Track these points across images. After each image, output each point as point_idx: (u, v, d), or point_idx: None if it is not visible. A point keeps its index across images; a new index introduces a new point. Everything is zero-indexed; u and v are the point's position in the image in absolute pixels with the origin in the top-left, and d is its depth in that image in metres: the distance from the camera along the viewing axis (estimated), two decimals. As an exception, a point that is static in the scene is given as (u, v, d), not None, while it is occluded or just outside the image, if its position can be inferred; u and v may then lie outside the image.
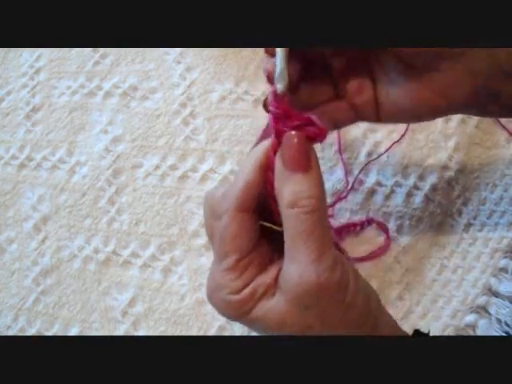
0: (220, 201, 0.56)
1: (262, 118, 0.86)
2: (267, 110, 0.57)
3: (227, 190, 0.56)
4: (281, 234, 0.54)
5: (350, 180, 0.83)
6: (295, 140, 0.53)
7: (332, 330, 0.54)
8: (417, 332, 0.63)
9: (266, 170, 0.55)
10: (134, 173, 0.88)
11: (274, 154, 0.55)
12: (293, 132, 0.54)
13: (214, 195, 0.58)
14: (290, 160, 0.53)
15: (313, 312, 0.53)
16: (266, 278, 0.55)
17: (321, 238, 0.52)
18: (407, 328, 0.61)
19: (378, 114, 0.65)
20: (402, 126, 0.85)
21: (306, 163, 0.53)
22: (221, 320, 0.79)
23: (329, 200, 0.82)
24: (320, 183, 0.53)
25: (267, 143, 0.55)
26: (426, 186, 0.82)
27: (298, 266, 0.52)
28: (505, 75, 0.59)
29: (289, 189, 0.53)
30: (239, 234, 0.55)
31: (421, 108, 0.63)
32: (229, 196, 0.55)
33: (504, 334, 0.73)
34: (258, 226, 0.56)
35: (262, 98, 0.63)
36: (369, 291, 0.57)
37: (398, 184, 0.83)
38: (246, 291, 0.54)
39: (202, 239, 0.83)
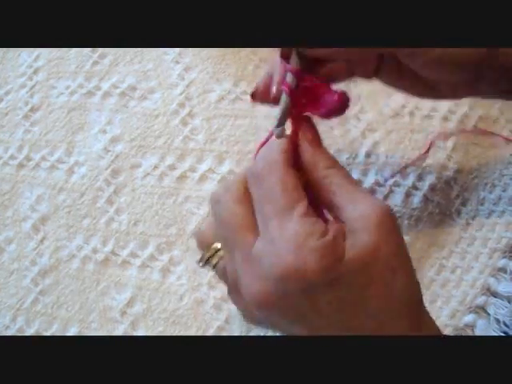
0: (258, 164, 0.57)
1: (261, 118, 0.87)
2: (254, 99, 0.65)
3: (265, 152, 0.58)
4: None
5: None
6: (313, 123, 0.60)
7: (405, 253, 0.55)
8: None
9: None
10: (133, 173, 0.88)
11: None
12: (305, 116, 0.60)
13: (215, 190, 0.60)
14: (315, 139, 0.59)
15: (394, 236, 0.54)
16: (335, 225, 0.54)
17: (352, 188, 0.56)
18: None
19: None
20: (401, 126, 0.85)
21: (320, 141, 0.59)
22: (219, 320, 0.79)
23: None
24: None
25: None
26: (425, 185, 0.82)
27: (363, 203, 0.54)
28: None
29: (323, 157, 0.57)
30: (297, 184, 0.55)
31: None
32: (274, 152, 0.56)
33: (503, 334, 0.73)
34: None
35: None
36: None
37: (396, 184, 0.83)
38: (332, 230, 0.52)
39: (201, 239, 0.83)
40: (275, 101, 0.62)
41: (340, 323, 0.54)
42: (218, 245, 0.59)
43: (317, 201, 0.56)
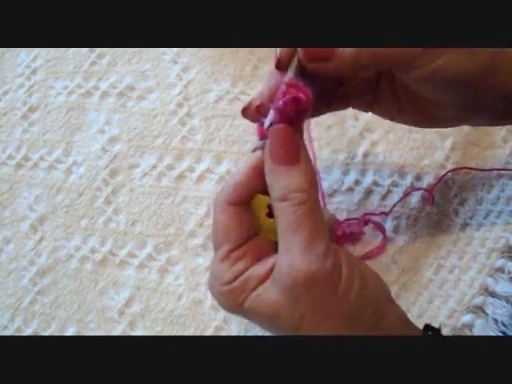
0: (216, 196, 0.59)
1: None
2: (244, 115, 0.63)
3: (222, 186, 0.59)
4: None
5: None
6: (280, 133, 0.55)
7: (326, 320, 0.54)
8: (428, 327, 0.62)
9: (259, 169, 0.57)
10: (131, 173, 0.88)
11: None
12: (280, 125, 0.55)
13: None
14: (277, 154, 0.55)
15: (304, 302, 0.53)
16: (261, 269, 0.56)
17: (311, 228, 0.53)
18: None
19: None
20: (399, 127, 0.85)
21: (294, 156, 0.55)
22: (217, 320, 0.79)
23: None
24: (309, 175, 0.55)
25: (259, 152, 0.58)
26: (423, 185, 0.82)
27: (288, 257, 0.53)
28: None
29: (278, 183, 0.55)
30: (229, 226, 0.57)
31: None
32: (221, 190, 0.58)
33: (501, 334, 0.73)
34: (251, 218, 0.58)
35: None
36: (368, 282, 0.57)
37: (394, 184, 0.83)
38: (236, 282, 0.56)
39: (199, 239, 0.83)
40: (259, 112, 0.61)
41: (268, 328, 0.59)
42: None
43: None
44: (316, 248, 0.53)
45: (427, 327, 0.62)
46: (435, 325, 0.62)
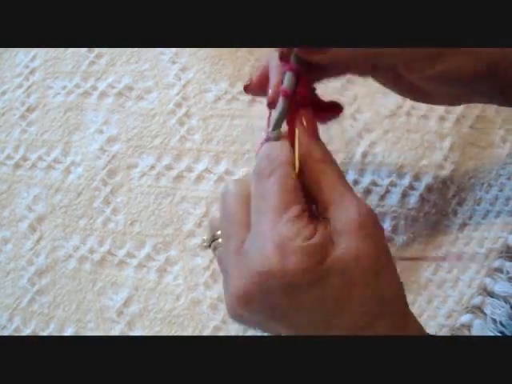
0: (266, 161, 0.58)
1: (257, 118, 0.87)
2: (247, 91, 0.69)
3: (271, 149, 0.59)
4: None
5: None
6: (311, 117, 0.61)
7: (386, 256, 0.56)
8: None
9: None
10: (130, 173, 0.88)
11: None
12: (308, 110, 0.61)
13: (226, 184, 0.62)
14: (315, 131, 0.61)
15: (375, 240, 0.54)
16: (323, 226, 0.55)
17: (345, 182, 0.58)
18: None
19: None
20: (398, 126, 0.86)
21: (317, 133, 0.61)
22: (216, 320, 0.79)
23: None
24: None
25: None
26: (421, 185, 0.82)
27: (348, 204, 0.55)
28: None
29: (318, 149, 0.59)
30: (297, 186, 0.56)
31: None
32: (280, 153, 0.58)
33: (499, 334, 0.73)
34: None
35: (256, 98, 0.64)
36: None
37: (393, 184, 0.83)
38: (319, 234, 0.53)
39: (198, 239, 0.83)
40: (271, 103, 0.63)
41: (320, 322, 0.55)
42: (219, 232, 0.62)
43: (304, 192, 0.57)
44: (352, 197, 0.56)
45: None
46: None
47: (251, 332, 0.77)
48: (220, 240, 0.62)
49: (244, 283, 0.54)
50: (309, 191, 0.57)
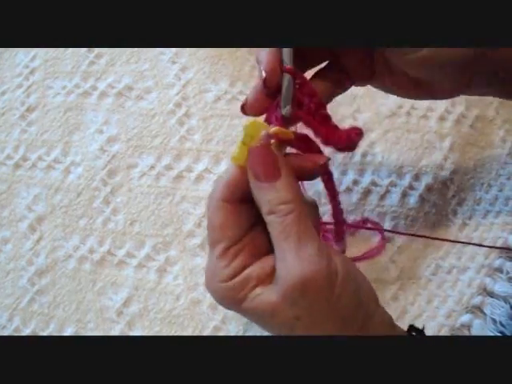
0: (209, 195, 0.60)
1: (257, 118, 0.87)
2: (245, 113, 0.63)
3: (215, 184, 0.60)
4: None
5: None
6: (258, 153, 0.57)
7: (320, 322, 0.55)
8: (412, 327, 0.63)
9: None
10: (129, 173, 0.88)
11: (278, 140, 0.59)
12: (257, 145, 0.57)
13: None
14: (258, 172, 0.57)
15: (301, 305, 0.55)
16: (262, 267, 0.57)
17: (299, 235, 0.55)
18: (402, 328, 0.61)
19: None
20: (397, 126, 0.86)
21: (273, 173, 0.57)
22: (216, 320, 0.79)
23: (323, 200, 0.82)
24: (291, 186, 0.57)
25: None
26: (421, 186, 0.82)
27: (283, 264, 0.55)
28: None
29: (263, 199, 0.57)
30: (225, 223, 0.58)
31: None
32: (215, 188, 0.59)
33: (499, 334, 0.73)
34: (247, 215, 0.59)
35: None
36: (361, 285, 0.58)
37: (393, 184, 0.83)
38: (237, 280, 0.57)
39: (197, 239, 0.83)
40: (268, 81, 0.60)
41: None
42: None
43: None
44: (307, 252, 0.55)
45: (411, 328, 0.62)
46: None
47: (251, 332, 0.77)
48: None
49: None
50: None
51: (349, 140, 0.64)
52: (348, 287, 0.55)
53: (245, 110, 0.64)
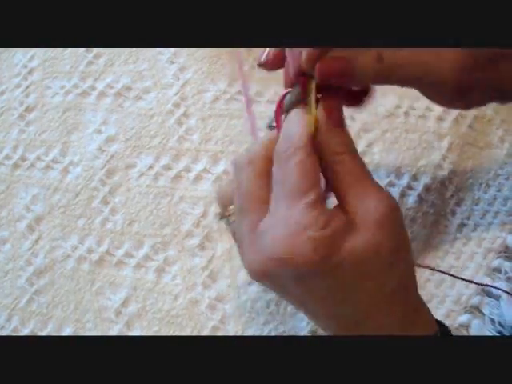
0: (282, 144, 0.57)
1: (256, 118, 0.86)
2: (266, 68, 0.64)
3: (291, 131, 0.57)
4: None
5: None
6: (336, 101, 0.58)
7: (406, 249, 0.58)
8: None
9: None
10: (128, 173, 0.88)
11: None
12: (332, 97, 0.59)
13: (241, 154, 0.61)
14: (337, 118, 0.57)
15: (395, 233, 0.55)
16: (340, 218, 0.55)
17: (369, 171, 0.57)
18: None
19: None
20: (396, 126, 0.86)
21: (343, 122, 0.58)
22: (214, 320, 0.79)
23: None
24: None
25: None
26: (420, 186, 0.82)
27: (369, 196, 0.55)
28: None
29: (338, 140, 0.57)
30: (317, 169, 0.56)
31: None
32: (300, 134, 0.56)
33: (497, 334, 0.74)
34: None
35: (255, 98, 0.63)
36: None
37: (391, 184, 0.83)
38: (333, 225, 0.53)
39: (196, 239, 0.83)
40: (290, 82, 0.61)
41: (325, 308, 0.57)
42: (232, 207, 0.62)
43: (325, 183, 0.58)
44: (373, 187, 0.56)
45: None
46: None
47: (250, 332, 0.77)
48: (233, 215, 0.61)
49: (256, 264, 0.56)
50: (328, 183, 0.58)
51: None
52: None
53: (266, 65, 0.64)
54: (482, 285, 0.76)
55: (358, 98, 0.67)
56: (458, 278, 0.74)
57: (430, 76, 0.61)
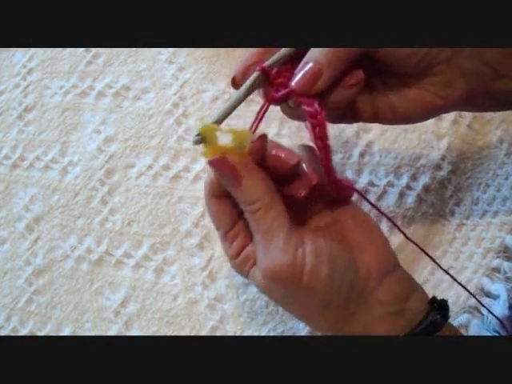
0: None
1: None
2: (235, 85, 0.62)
3: (204, 181, 0.64)
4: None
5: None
6: (217, 166, 0.59)
7: (298, 310, 0.63)
8: (434, 300, 0.63)
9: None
10: (127, 173, 0.88)
11: None
12: (214, 158, 0.59)
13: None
14: (223, 181, 0.61)
15: (275, 295, 0.63)
16: (253, 252, 0.63)
17: (264, 229, 0.59)
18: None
19: (374, 116, 0.65)
20: (394, 126, 0.86)
21: (236, 180, 0.59)
22: (213, 320, 0.79)
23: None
24: (255, 187, 0.60)
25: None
26: (419, 186, 0.82)
27: (258, 254, 0.61)
28: (494, 73, 0.61)
29: (236, 198, 0.61)
30: (217, 214, 0.64)
31: (417, 109, 0.64)
32: (204, 186, 0.64)
33: (496, 334, 0.74)
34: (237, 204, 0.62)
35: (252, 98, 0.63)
36: (340, 267, 0.60)
37: (390, 184, 0.83)
38: (239, 258, 0.63)
39: (195, 239, 0.83)
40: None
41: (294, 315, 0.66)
42: None
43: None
44: (273, 245, 0.58)
45: (433, 301, 0.63)
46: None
47: (248, 332, 0.77)
48: None
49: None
50: None
51: (344, 195, 0.65)
52: (320, 273, 0.58)
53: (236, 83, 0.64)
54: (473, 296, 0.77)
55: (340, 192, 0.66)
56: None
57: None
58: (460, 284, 0.70)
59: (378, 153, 0.85)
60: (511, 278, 0.77)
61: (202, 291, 0.80)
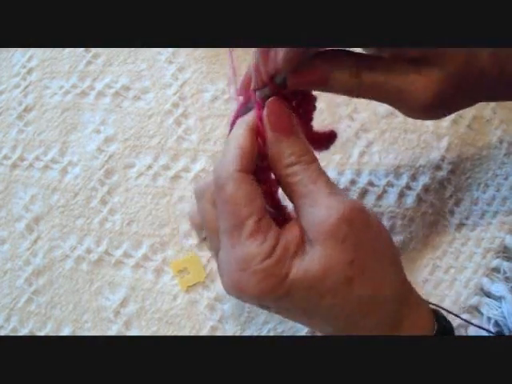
0: (216, 174, 0.56)
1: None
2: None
3: (221, 161, 0.57)
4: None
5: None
6: (280, 106, 0.57)
7: (373, 258, 0.55)
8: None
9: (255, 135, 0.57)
10: (127, 173, 0.88)
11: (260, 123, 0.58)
12: (275, 99, 0.58)
13: (200, 181, 0.61)
14: (280, 127, 0.56)
15: (350, 243, 0.53)
16: (291, 235, 0.55)
17: (327, 179, 0.55)
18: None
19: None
20: (395, 126, 0.86)
21: (292, 127, 0.57)
22: (213, 320, 0.79)
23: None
24: (304, 139, 0.57)
25: (252, 115, 0.59)
26: (419, 186, 0.82)
27: (319, 207, 0.54)
28: (482, 74, 0.61)
29: (285, 151, 0.56)
30: (253, 193, 0.55)
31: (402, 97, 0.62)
32: (227, 162, 0.55)
33: (495, 334, 0.74)
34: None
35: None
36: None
37: (390, 184, 0.83)
38: (278, 250, 0.53)
39: (195, 239, 0.83)
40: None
41: (302, 322, 0.59)
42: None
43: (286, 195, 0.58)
44: (339, 191, 0.56)
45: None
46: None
47: (248, 332, 0.77)
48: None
49: (225, 287, 0.57)
50: (284, 192, 0.58)
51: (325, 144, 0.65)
52: (376, 219, 0.57)
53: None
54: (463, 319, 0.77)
55: (322, 142, 0.66)
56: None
57: (403, 100, 0.61)
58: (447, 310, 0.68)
59: (377, 153, 0.85)
60: (511, 278, 0.77)
61: (201, 291, 0.80)
